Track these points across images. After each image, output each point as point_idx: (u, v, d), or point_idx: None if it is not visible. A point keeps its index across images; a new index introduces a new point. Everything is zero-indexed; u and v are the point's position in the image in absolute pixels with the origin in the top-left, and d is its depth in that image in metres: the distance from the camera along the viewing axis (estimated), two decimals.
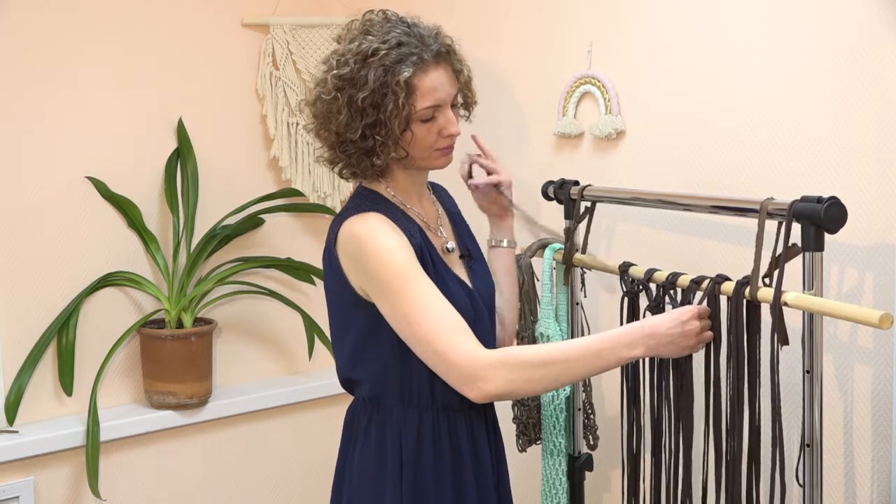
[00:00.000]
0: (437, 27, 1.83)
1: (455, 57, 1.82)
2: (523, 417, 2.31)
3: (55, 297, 2.61)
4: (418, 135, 1.78)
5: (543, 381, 1.72)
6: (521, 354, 1.73)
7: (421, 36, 1.77)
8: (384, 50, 1.73)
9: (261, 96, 2.91)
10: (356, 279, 1.78)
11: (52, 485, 2.60)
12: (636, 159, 2.33)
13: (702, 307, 1.80)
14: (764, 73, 2.06)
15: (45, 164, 2.59)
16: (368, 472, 1.85)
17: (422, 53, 1.75)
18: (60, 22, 2.59)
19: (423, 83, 1.75)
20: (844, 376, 1.97)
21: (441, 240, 1.91)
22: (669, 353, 1.77)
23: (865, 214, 1.90)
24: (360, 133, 1.76)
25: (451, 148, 1.84)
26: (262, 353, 3.01)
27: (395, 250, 1.74)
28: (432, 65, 1.77)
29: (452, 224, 1.98)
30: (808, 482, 1.74)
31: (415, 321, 1.70)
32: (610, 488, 2.48)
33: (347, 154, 1.81)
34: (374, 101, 1.74)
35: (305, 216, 3.03)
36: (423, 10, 1.85)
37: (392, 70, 1.73)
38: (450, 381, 1.71)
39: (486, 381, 1.67)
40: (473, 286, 1.90)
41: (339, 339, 1.89)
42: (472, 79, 1.87)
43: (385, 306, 1.74)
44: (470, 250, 1.96)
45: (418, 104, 1.75)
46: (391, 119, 1.74)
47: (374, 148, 1.77)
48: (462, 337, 1.70)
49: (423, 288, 1.72)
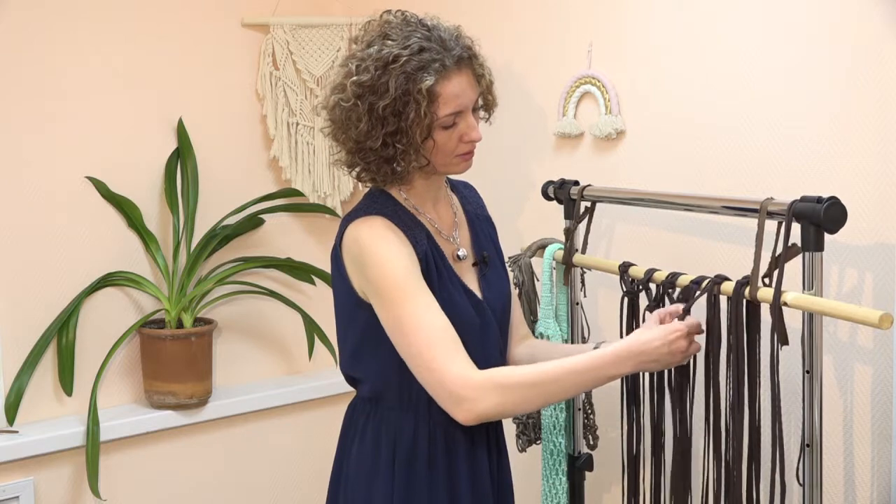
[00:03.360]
0: (456, 28, 1.80)
1: (476, 61, 1.79)
2: (523, 417, 2.32)
3: (55, 297, 2.61)
4: (440, 142, 1.76)
5: (535, 401, 1.73)
6: (512, 376, 1.71)
7: (442, 40, 1.73)
8: (405, 56, 1.70)
9: (261, 96, 2.91)
10: (357, 281, 1.78)
11: (52, 485, 2.60)
12: (636, 159, 2.33)
13: (692, 323, 1.77)
14: (764, 73, 2.06)
15: (45, 165, 2.59)
16: (363, 470, 1.85)
17: (444, 59, 1.72)
18: (60, 22, 2.59)
19: (445, 90, 1.72)
20: (844, 376, 1.97)
21: (452, 247, 1.88)
22: (656, 368, 1.78)
23: (865, 214, 1.90)
24: (380, 141, 1.73)
25: (472, 153, 1.82)
26: (262, 353, 3.01)
27: (396, 260, 1.72)
28: (454, 71, 1.74)
29: (471, 229, 1.94)
30: (808, 482, 1.73)
31: (409, 333, 1.70)
32: (610, 488, 2.48)
33: (367, 161, 1.78)
34: (395, 109, 1.71)
35: (305, 216, 3.03)
36: (423, 10, 1.84)
37: (414, 78, 1.70)
38: (439, 400, 1.70)
39: (475, 402, 1.66)
40: (483, 295, 1.88)
41: (342, 335, 1.88)
42: (493, 82, 1.85)
43: (382, 313, 1.74)
44: (485, 257, 1.92)
45: (440, 111, 1.73)
46: (413, 127, 1.71)
47: (395, 156, 1.75)
48: (454, 356, 1.68)
49: (420, 301, 1.70)
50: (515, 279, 2.27)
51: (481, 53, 1.82)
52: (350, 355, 1.86)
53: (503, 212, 2.15)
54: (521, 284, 2.27)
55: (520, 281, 2.27)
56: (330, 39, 2.94)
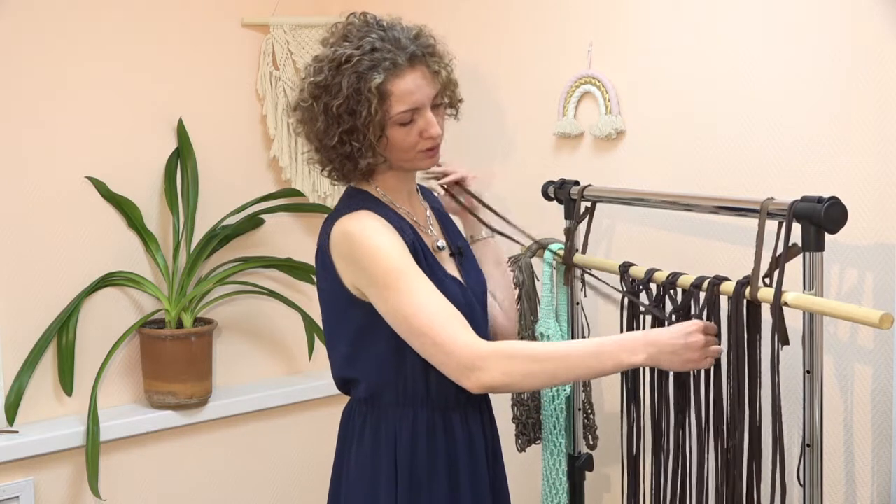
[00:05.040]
0: (417, 28, 1.83)
1: (432, 58, 1.81)
2: (522, 417, 2.32)
3: (55, 297, 2.61)
4: (396, 139, 1.79)
5: (540, 377, 1.71)
6: (521, 348, 1.72)
7: (396, 39, 1.77)
8: (357, 56, 1.74)
9: (261, 96, 2.91)
10: (350, 278, 1.79)
11: (52, 485, 2.60)
12: (636, 159, 2.33)
13: (708, 324, 1.75)
14: (764, 73, 2.06)
15: (45, 165, 2.59)
16: (364, 472, 1.85)
17: (395, 58, 1.75)
18: (60, 22, 2.59)
19: (397, 88, 1.76)
20: (844, 376, 1.97)
21: (431, 238, 1.91)
22: (672, 364, 1.72)
23: (865, 214, 1.90)
24: (337, 139, 1.78)
25: (436, 149, 1.85)
26: (262, 353, 3.01)
27: (389, 247, 1.74)
28: (407, 68, 1.77)
29: (440, 223, 1.99)
30: (809, 482, 1.74)
31: (411, 315, 1.70)
32: (610, 488, 2.48)
33: (330, 159, 1.83)
34: (348, 107, 1.75)
35: (305, 216, 3.03)
36: (423, 10, 1.85)
37: (364, 77, 1.74)
38: (448, 371, 1.71)
39: (483, 372, 1.67)
40: (466, 283, 1.91)
41: (333, 339, 1.89)
42: (453, 78, 1.87)
43: (380, 303, 1.74)
44: (461, 248, 1.97)
45: (393, 109, 1.76)
46: (366, 125, 1.75)
47: (353, 153, 1.79)
48: (460, 328, 1.70)
49: (418, 282, 1.72)
50: (515, 279, 2.27)
51: (446, 52, 1.85)
52: (344, 358, 1.87)
53: (503, 212, 2.15)
54: (521, 284, 2.27)
55: (520, 281, 2.27)
56: None
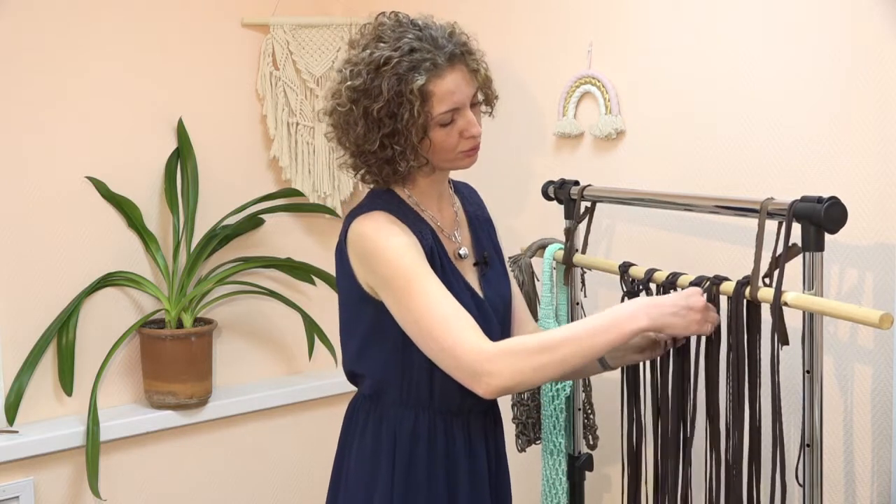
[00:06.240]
0: (450, 26, 1.80)
1: (470, 56, 1.79)
2: (522, 417, 2.32)
3: (55, 297, 2.61)
4: (437, 140, 1.76)
5: (551, 366, 1.66)
6: (525, 342, 1.68)
7: (433, 38, 1.74)
8: (396, 58, 1.71)
9: (261, 96, 2.91)
10: (363, 276, 1.79)
11: (52, 485, 2.60)
12: (636, 159, 2.33)
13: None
14: (764, 73, 2.06)
15: (45, 165, 2.59)
16: (363, 469, 1.85)
17: (435, 58, 1.72)
18: (60, 22, 2.59)
19: (438, 88, 1.73)
20: (844, 376, 1.97)
21: (454, 245, 1.89)
22: (675, 327, 1.71)
23: (865, 214, 1.90)
24: (378, 143, 1.75)
25: (476, 148, 1.82)
26: (262, 353, 3.01)
27: (402, 248, 1.73)
28: (447, 68, 1.74)
29: (472, 229, 1.95)
30: (809, 482, 1.73)
31: (420, 317, 1.69)
32: (610, 488, 2.48)
33: (368, 163, 1.80)
34: (389, 111, 1.72)
35: (305, 216, 3.03)
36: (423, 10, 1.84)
37: (405, 79, 1.70)
38: (459, 379, 1.68)
39: (493, 376, 1.64)
40: (484, 294, 1.88)
41: (346, 333, 1.89)
42: (489, 75, 1.84)
43: (391, 303, 1.74)
44: (486, 257, 1.93)
45: (435, 110, 1.73)
46: (408, 128, 1.72)
47: (394, 157, 1.76)
48: (467, 331, 1.67)
49: (430, 285, 1.71)
50: (515, 279, 2.27)
51: (478, 49, 1.82)
52: (355, 351, 1.86)
53: (503, 212, 2.16)
54: (521, 284, 2.27)
55: (520, 281, 2.27)
56: (330, 40, 2.94)
